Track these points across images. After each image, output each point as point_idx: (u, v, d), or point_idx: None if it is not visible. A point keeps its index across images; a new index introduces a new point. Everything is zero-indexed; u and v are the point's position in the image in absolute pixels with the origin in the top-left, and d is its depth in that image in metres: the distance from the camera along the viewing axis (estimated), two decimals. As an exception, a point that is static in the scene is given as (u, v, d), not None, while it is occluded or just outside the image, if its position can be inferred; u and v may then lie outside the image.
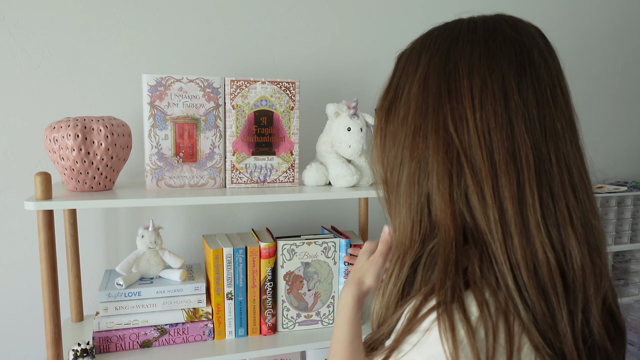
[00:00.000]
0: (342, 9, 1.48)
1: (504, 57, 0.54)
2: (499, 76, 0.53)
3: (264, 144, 1.16)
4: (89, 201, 0.98)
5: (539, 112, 0.53)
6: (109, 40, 1.29)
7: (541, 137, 0.53)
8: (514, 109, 0.52)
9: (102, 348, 1.10)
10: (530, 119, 0.52)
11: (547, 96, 0.54)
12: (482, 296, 0.49)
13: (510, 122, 0.52)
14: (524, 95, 0.53)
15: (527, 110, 0.52)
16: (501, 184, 0.51)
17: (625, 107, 1.95)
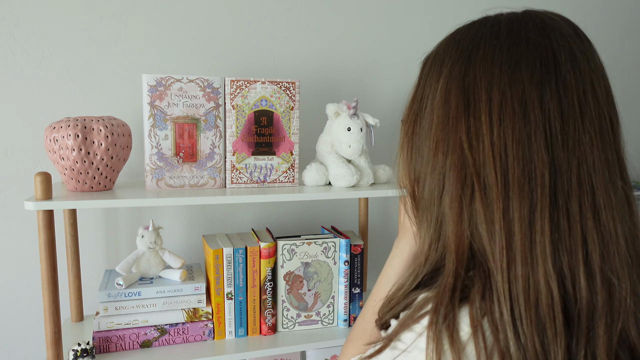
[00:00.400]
0: (342, 9, 1.48)
1: (527, 65, 0.50)
2: (520, 88, 0.49)
3: (264, 144, 1.16)
4: (89, 201, 0.98)
5: (562, 125, 0.49)
6: (109, 40, 1.29)
7: (562, 152, 0.48)
8: (533, 123, 0.48)
9: (102, 348, 1.10)
10: (552, 133, 0.48)
11: (573, 105, 0.50)
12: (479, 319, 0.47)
13: (528, 138, 0.48)
14: (546, 107, 0.49)
15: (549, 123, 0.48)
16: (512, 206, 0.48)
17: (625, 107, 1.95)
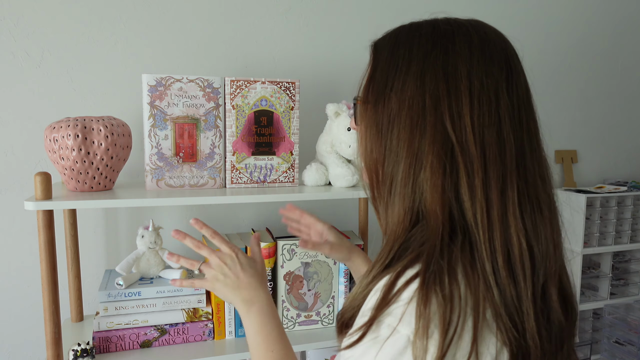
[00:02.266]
0: (342, 9, 1.48)
1: (495, 62, 0.60)
2: (494, 80, 0.59)
3: (264, 144, 1.16)
4: (89, 201, 0.98)
5: (519, 113, 0.59)
6: (109, 40, 1.29)
7: (520, 134, 0.59)
8: (503, 110, 0.58)
9: (102, 348, 1.10)
10: (514, 118, 0.59)
11: (525, 99, 0.61)
12: (456, 278, 0.54)
13: (500, 121, 0.58)
14: (511, 98, 0.59)
15: (513, 111, 0.59)
16: (489, 176, 0.56)
17: (625, 107, 1.95)
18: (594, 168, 1.92)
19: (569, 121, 1.85)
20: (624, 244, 1.79)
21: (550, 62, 1.78)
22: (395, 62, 0.62)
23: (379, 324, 0.54)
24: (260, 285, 0.81)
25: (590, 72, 1.86)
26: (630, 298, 1.82)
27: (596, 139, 1.91)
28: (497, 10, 1.67)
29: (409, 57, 0.61)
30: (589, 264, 1.85)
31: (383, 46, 0.65)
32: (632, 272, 1.88)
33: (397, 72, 0.61)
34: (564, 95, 1.83)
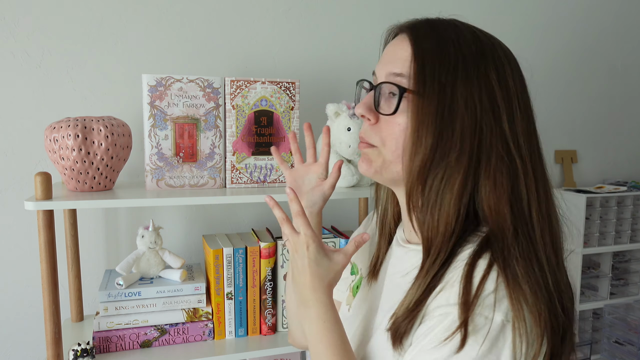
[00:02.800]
0: (342, 9, 1.48)
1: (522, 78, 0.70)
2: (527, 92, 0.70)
3: (264, 144, 1.16)
4: (89, 201, 0.98)
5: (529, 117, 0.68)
6: (109, 40, 1.29)
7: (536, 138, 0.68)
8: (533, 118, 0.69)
9: (102, 348, 1.10)
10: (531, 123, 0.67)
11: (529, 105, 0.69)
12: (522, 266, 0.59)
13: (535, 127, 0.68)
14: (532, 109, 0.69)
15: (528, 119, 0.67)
16: (537, 177, 0.63)
17: (625, 107, 1.95)
18: (594, 168, 1.92)
19: (569, 121, 1.85)
20: (624, 244, 1.79)
21: (550, 62, 1.78)
22: (447, 59, 0.62)
23: (472, 319, 0.55)
24: (323, 290, 0.68)
25: (590, 72, 1.86)
26: (630, 298, 1.82)
27: (596, 139, 1.91)
28: (497, 10, 1.67)
29: (462, 57, 0.62)
30: (589, 264, 1.86)
31: (424, 37, 0.64)
32: (632, 272, 1.88)
33: (453, 70, 0.61)
34: (564, 95, 1.83)
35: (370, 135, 0.66)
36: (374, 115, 0.65)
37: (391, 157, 0.64)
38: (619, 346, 1.76)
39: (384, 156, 0.65)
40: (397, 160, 0.64)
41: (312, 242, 0.68)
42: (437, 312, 0.58)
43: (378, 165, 0.66)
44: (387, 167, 0.66)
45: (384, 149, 0.65)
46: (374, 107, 0.65)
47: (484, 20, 1.65)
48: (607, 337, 1.80)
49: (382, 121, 0.65)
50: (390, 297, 0.71)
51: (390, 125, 0.64)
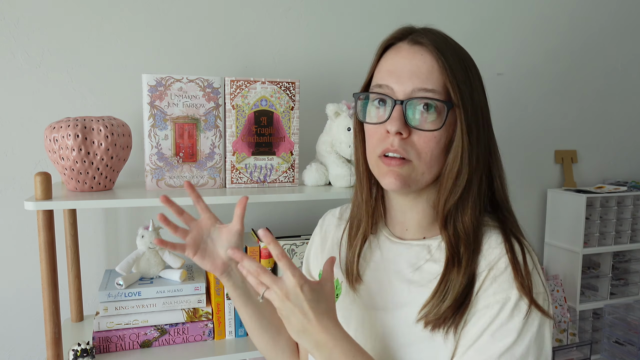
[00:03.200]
0: (342, 9, 1.48)
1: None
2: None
3: (264, 144, 1.16)
4: (89, 201, 0.98)
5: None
6: (109, 40, 1.29)
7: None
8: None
9: (102, 348, 1.10)
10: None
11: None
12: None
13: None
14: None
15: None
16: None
17: (625, 107, 1.95)
18: (594, 168, 1.92)
19: (569, 121, 1.85)
20: (624, 244, 1.79)
21: (550, 62, 1.78)
22: (466, 71, 0.68)
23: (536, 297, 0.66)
24: (335, 325, 0.66)
25: (590, 72, 1.86)
26: (630, 298, 1.82)
27: (596, 139, 1.91)
28: (497, 10, 1.67)
29: (473, 68, 0.70)
30: (589, 264, 1.86)
31: (445, 50, 0.67)
32: (632, 272, 1.88)
33: (472, 81, 0.68)
34: (564, 95, 1.83)
35: (405, 148, 0.67)
36: (406, 130, 0.66)
37: (424, 169, 0.68)
38: (619, 346, 1.76)
39: (417, 169, 0.68)
40: (428, 171, 0.69)
41: (304, 282, 0.64)
42: (493, 300, 0.66)
43: (410, 180, 0.68)
44: (418, 179, 0.69)
45: (419, 161, 0.67)
46: (404, 122, 0.66)
47: (484, 20, 1.65)
48: (607, 337, 1.80)
49: (413, 134, 0.67)
50: (402, 292, 0.73)
51: (425, 138, 0.66)
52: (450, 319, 0.66)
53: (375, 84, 0.69)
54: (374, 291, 0.76)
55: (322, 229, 0.91)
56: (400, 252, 0.76)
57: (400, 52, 0.68)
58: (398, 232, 0.78)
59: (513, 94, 1.74)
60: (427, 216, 0.74)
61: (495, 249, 0.69)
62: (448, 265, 0.69)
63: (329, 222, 0.91)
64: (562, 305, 1.71)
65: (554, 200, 1.78)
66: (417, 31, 0.70)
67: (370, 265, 0.79)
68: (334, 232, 0.88)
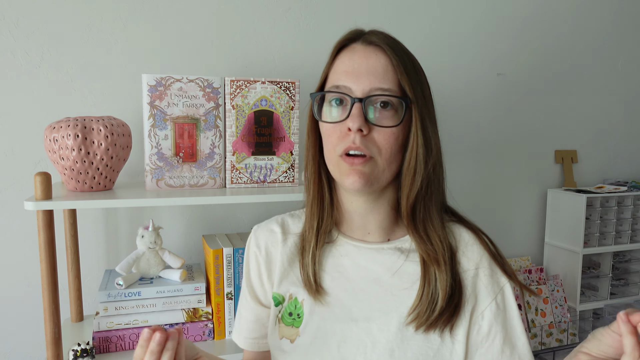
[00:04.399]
0: (342, 9, 1.48)
1: None
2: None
3: (264, 144, 1.16)
4: (89, 201, 0.98)
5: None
6: (109, 40, 1.29)
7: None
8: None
9: (102, 348, 1.10)
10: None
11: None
12: None
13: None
14: None
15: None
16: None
17: (625, 107, 1.95)
18: (594, 168, 1.92)
19: (569, 121, 1.85)
20: (624, 244, 1.79)
21: (550, 62, 1.78)
22: (415, 69, 0.70)
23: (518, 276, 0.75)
24: None
25: (590, 72, 1.86)
26: (630, 298, 1.82)
27: (596, 139, 1.91)
28: (497, 9, 1.67)
29: (420, 68, 0.72)
30: (589, 264, 1.85)
31: (397, 50, 0.69)
32: (632, 272, 1.88)
33: (422, 78, 0.71)
34: (564, 95, 1.83)
35: (366, 145, 0.67)
36: (367, 127, 0.67)
37: (385, 165, 0.68)
38: (619, 346, 1.76)
39: (379, 166, 0.68)
40: (388, 168, 0.69)
41: None
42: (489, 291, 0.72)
43: (373, 178, 0.68)
44: (380, 177, 0.69)
45: (380, 157, 0.68)
46: (365, 119, 0.67)
47: (484, 20, 1.65)
48: (607, 337, 1.79)
49: (373, 132, 0.68)
50: (385, 298, 0.72)
51: (385, 134, 0.67)
52: (446, 319, 0.68)
53: (332, 84, 0.71)
54: (348, 302, 0.73)
55: (261, 249, 0.81)
56: (373, 257, 0.74)
57: (356, 53, 0.70)
58: (359, 236, 0.76)
59: (513, 94, 1.74)
60: (388, 217, 0.75)
61: (473, 245, 0.75)
62: (425, 265, 0.70)
63: (267, 239, 0.82)
64: (562, 305, 1.71)
65: (554, 200, 1.79)
66: (368, 32, 0.72)
67: (336, 275, 0.75)
68: (281, 248, 0.80)
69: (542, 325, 1.66)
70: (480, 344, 0.71)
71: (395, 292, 0.72)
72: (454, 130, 1.65)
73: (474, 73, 1.67)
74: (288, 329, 0.77)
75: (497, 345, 0.71)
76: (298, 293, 0.77)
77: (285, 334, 0.77)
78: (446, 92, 1.63)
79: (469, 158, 1.70)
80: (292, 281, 0.78)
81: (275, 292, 0.80)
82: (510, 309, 0.73)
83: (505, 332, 0.72)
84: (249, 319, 0.84)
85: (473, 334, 0.71)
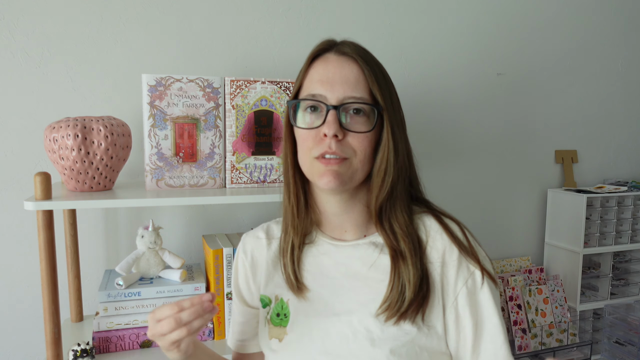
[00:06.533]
0: (342, 9, 1.48)
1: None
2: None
3: (264, 144, 1.16)
4: (89, 201, 0.98)
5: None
6: (109, 40, 1.29)
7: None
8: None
9: (102, 348, 1.10)
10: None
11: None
12: None
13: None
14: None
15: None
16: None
17: (625, 107, 1.95)
18: (594, 168, 1.92)
19: (569, 121, 1.85)
20: (624, 244, 1.79)
21: (550, 62, 1.78)
22: (384, 77, 0.74)
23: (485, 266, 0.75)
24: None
25: (590, 72, 1.86)
26: (631, 298, 1.82)
27: (596, 139, 1.91)
28: (497, 10, 1.67)
29: (388, 76, 0.76)
30: (589, 264, 1.85)
31: (368, 60, 0.74)
32: (632, 272, 1.88)
33: (390, 85, 0.75)
34: (564, 95, 1.83)
35: (341, 149, 0.71)
36: (342, 132, 0.71)
37: (359, 166, 0.73)
38: (620, 346, 1.76)
39: (353, 166, 0.72)
40: (361, 169, 0.73)
41: None
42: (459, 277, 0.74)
43: (347, 177, 0.72)
44: (353, 177, 0.73)
45: (355, 158, 0.72)
46: (339, 125, 0.71)
47: (484, 20, 1.65)
48: (607, 337, 1.80)
49: (347, 136, 0.72)
50: (363, 290, 0.76)
51: (359, 138, 0.72)
52: (414, 309, 0.72)
53: (308, 92, 0.74)
54: (330, 298, 0.77)
55: (247, 254, 0.88)
56: (351, 254, 0.78)
57: (330, 62, 0.73)
58: (337, 235, 0.81)
59: (513, 94, 1.74)
60: (362, 215, 0.79)
61: (439, 234, 0.76)
62: (393, 259, 0.74)
63: (253, 245, 0.88)
64: (562, 305, 1.71)
65: (554, 200, 1.78)
66: (340, 43, 0.75)
67: (316, 274, 0.80)
68: (266, 252, 0.86)
69: (542, 325, 1.66)
70: (454, 327, 0.74)
71: (371, 284, 0.76)
72: (453, 130, 1.65)
73: (474, 73, 1.67)
74: (276, 329, 0.81)
75: (468, 329, 0.73)
76: (283, 294, 0.82)
77: (274, 334, 0.81)
78: (446, 92, 1.63)
79: (469, 158, 1.70)
80: (277, 283, 0.83)
81: (262, 294, 0.85)
82: (482, 292, 0.74)
83: (476, 314, 0.73)
84: (237, 321, 0.91)
85: (449, 320, 0.73)
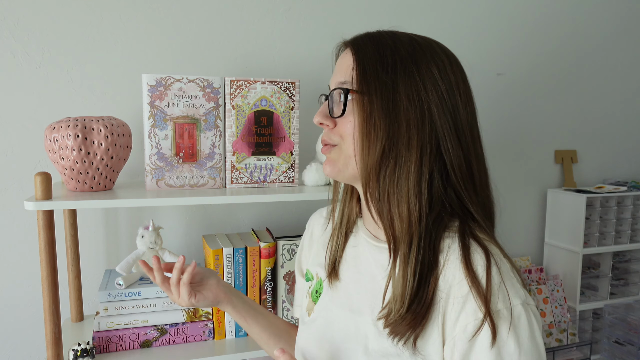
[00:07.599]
0: (342, 9, 1.48)
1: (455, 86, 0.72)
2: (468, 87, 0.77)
3: (264, 144, 1.16)
4: (89, 201, 0.98)
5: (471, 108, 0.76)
6: (109, 40, 1.29)
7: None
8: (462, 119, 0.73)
9: (102, 348, 1.10)
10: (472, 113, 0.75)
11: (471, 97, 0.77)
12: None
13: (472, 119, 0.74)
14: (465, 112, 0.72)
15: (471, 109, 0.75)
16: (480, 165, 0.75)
17: (625, 107, 1.95)
18: (594, 168, 1.92)
19: (569, 121, 1.85)
20: (624, 244, 1.79)
21: (550, 62, 1.78)
22: (385, 61, 0.67)
23: (496, 312, 0.61)
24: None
25: (590, 72, 1.86)
26: (630, 298, 1.82)
27: (596, 139, 1.91)
28: (497, 10, 1.67)
29: (400, 58, 0.67)
30: (589, 264, 1.86)
31: (364, 46, 0.69)
32: (632, 272, 1.88)
33: (392, 70, 0.66)
34: (564, 95, 1.83)
35: (330, 136, 0.72)
36: (331, 121, 0.71)
37: (350, 152, 0.69)
38: (619, 346, 1.76)
39: (344, 152, 0.70)
40: (353, 155, 0.69)
41: None
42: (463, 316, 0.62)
43: (340, 164, 0.71)
44: (347, 163, 0.70)
45: (344, 144, 0.70)
46: (329, 114, 0.71)
47: (484, 20, 1.65)
48: (607, 337, 1.80)
49: (338, 124, 0.70)
50: (373, 295, 0.72)
51: (345, 123, 0.69)
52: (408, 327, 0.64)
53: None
54: (352, 293, 0.76)
55: (309, 228, 0.93)
56: (374, 255, 0.75)
57: (339, 58, 0.74)
58: (373, 230, 0.77)
59: (513, 94, 1.74)
60: None
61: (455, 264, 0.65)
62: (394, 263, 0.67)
63: (315, 221, 0.93)
64: (562, 305, 1.72)
65: (554, 200, 1.79)
66: (355, 36, 0.73)
67: (349, 265, 0.78)
68: (320, 230, 0.90)
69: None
70: None
71: (381, 294, 0.71)
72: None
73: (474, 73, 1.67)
74: (311, 305, 0.84)
75: None
76: (322, 275, 0.83)
77: (308, 308, 0.84)
78: (446, 92, 1.63)
79: (469, 158, 1.70)
80: (320, 263, 0.84)
81: (307, 269, 0.89)
82: (478, 343, 0.61)
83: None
84: (297, 288, 0.95)
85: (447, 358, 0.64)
